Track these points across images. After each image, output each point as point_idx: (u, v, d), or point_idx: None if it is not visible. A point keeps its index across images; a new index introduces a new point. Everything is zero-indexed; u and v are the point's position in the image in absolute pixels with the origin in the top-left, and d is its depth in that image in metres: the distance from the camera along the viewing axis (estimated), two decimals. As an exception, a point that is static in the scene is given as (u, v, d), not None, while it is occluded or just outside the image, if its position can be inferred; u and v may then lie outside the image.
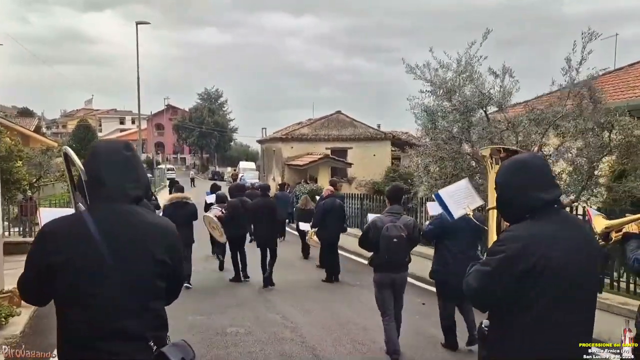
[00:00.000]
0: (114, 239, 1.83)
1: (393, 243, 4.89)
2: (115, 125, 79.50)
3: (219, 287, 8.79)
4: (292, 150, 24.34)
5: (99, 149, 2.01)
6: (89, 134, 44.33)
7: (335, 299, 7.87)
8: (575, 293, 1.94)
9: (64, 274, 1.81)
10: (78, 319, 1.82)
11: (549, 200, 2.00)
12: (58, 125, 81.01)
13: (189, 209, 8.77)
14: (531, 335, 1.93)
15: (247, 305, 7.45)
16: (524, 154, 2.30)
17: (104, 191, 1.91)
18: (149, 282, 1.87)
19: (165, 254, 1.91)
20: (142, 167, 2.08)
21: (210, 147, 65.49)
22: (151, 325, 1.87)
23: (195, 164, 71.78)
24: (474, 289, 2.05)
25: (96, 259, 1.80)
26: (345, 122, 25.21)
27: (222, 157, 68.21)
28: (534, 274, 1.90)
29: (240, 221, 8.96)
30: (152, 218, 1.98)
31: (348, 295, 8.06)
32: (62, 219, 1.97)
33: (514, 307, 1.96)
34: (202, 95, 67.57)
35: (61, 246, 1.82)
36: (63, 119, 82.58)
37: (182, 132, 66.60)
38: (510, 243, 1.95)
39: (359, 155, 24.27)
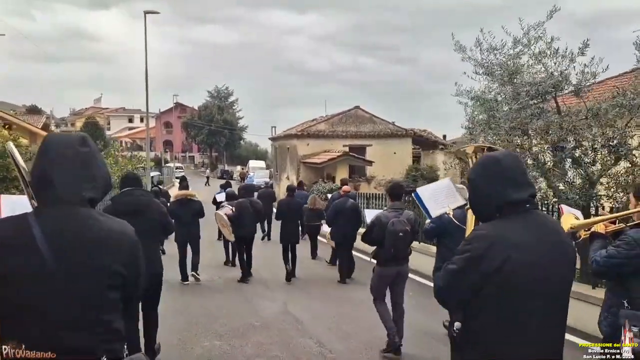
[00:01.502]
0: (63, 247, 1.67)
1: (399, 237, 5.06)
2: (124, 123, 79.35)
3: (230, 291, 8.38)
4: (307, 147, 22.97)
5: (48, 144, 1.79)
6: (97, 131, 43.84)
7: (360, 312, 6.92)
8: (543, 294, 1.91)
9: (7, 286, 1.66)
10: (25, 334, 1.67)
11: (519, 199, 1.97)
12: (67, 123, 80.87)
13: (194, 206, 8.84)
14: (498, 336, 1.92)
15: (272, 325, 6.54)
16: (498, 152, 2.32)
17: (52, 191, 1.73)
18: (99, 293, 1.71)
19: (119, 263, 1.75)
20: (100, 165, 1.87)
21: (220, 145, 64.47)
22: (103, 339, 1.71)
23: (204, 162, 70.96)
24: (439, 287, 2.07)
25: (42, 270, 1.65)
26: (364, 117, 23.80)
27: (231, 155, 67.37)
28: (499, 274, 1.87)
29: (248, 221, 8.97)
30: (107, 223, 1.79)
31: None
32: (4, 221, 1.85)
33: (479, 308, 1.94)
34: (211, 93, 66.63)
35: (2, 255, 1.66)
36: (72, 117, 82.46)
37: (191, 130, 65.68)
38: (476, 242, 1.93)
39: (379, 153, 22.89)
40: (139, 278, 1.88)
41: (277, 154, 29.83)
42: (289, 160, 25.50)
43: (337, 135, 23.08)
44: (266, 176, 34.92)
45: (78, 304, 1.67)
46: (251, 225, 9.08)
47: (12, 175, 13.83)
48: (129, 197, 4.76)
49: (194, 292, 8.34)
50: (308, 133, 23.16)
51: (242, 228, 8.90)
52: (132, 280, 1.81)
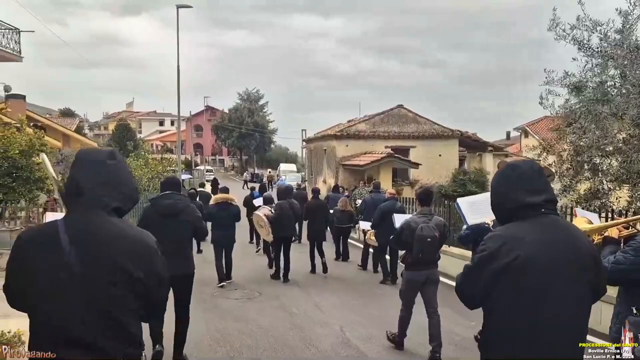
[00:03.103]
0: (84, 250, 1.79)
1: (427, 242, 5.16)
2: (155, 126, 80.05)
3: (274, 311, 7.54)
4: (347, 148, 21.49)
5: (80, 157, 1.96)
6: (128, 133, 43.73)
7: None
8: (555, 291, 1.93)
9: (32, 282, 1.79)
10: (44, 328, 1.80)
11: (533, 203, 2.03)
12: (100, 127, 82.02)
13: (232, 210, 9.04)
14: (513, 335, 1.96)
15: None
16: (518, 160, 2.66)
17: (81, 200, 1.87)
18: (116, 296, 1.80)
19: (138, 269, 1.84)
20: (126, 177, 2.00)
21: (250, 148, 63.75)
22: (121, 342, 1.80)
23: (234, 165, 70.47)
24: (458, 284, 2.16)
25: (63, 270, 1.76)
26: (408, 117, 22.15)
27: (261, 158, 66.68)
28: (508, 272, 1.93)
29: (288, 223, 9.14)
30: (128, 231, 1.91)
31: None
32: (37, 226, 2.16)
33: (494, 307, 2.01)
34: (242, 96, 65.99)
35: (31, 254, 1.82)
36: (105, 121, 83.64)
37: (221, 133, 65.22)
38: (490, 242, 2.02)
39: (423, 155, 21.23)
40: (159, 285, 1.94)
41: (312, 157, 28.45)
42: (325, 163, 24.06)
43: (378, 136, 21.52)
44: (298, 179, 34.25)
45: (95, 305, 1.76)
46: (290, 226, 9.31)
47: (36, 176, 12.91)
48: (167, 200, 4.92)
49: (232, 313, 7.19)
50: (347, 134, 21.63)
51: (281, 229, 9.06)
52: (149, 285, 1.88)
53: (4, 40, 17.64)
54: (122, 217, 1.97)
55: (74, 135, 34.11)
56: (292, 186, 12.45)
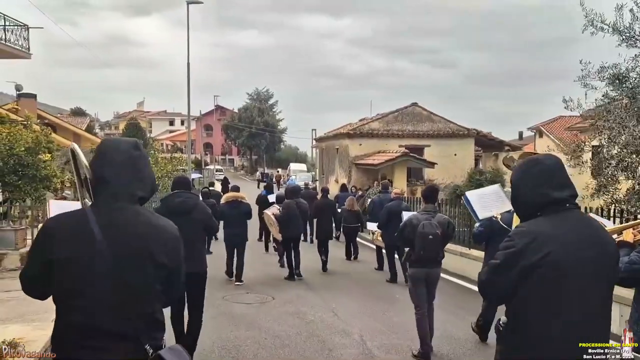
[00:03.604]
0: (115, 239, 1.83)
1: (428, 240, 5.17)
2: (165, 126, 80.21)
3: (289, 318, 7.09)
4: (360, 147, 20.97)
5: (105, 147, 1.99)
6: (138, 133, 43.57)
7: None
8: (584, 290, 1.94)
9: (63, 270, 1.82)
10: (74, 316, 1.81)
11: (558, 198, 2.02)
12: (111, 126, 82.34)
13: (243, 208, 9.06)
14: (541, 329, 1.93)
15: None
16: (539, 154, 2.43)
17: (108, 190, 1.90)
18: (146, 283, 1.85)
19: (165, 256, 1.89)
20: (149, 168, 2.05)
21: (260, 148, 63.47)
22: (147, 327, 1.84)
23: (243, 165, 70.27)
24: (481, 281, 2.15)
25: (96, 258, 1.80)
26: (422, 115, 21.57)
27: (271, 158, 66.37)
28: (539, 270, 1.91)
29: (295, 222, 9.22)
30: (154, 220, 1.96)
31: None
32: (65, 215, 1.98)
33: (521, 302, 1.98)
34: (251, 95, 65.73)
35: (62, 243, 1.83)
36: (116, 120, 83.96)
37: (231, 133, 65.02)
38: (518, 238, 1.99)
39: (438, 154, 20.64)
40: (180, 270, 2.02)
41: (323, 156, 27.96)
42: (338, 162, 23.56)
43: (392, 134, 20.96)
44: (308, 179, 33.90)
45: (129, 293, 1.81)
46: (297, 225, 9.35)
47: (42, 174, 12.57)
48: (178, 199, 4.98)
49: (244, 320, 6.75)
50: (360, 132, 21.10)
51: (289, 229, 9.15)
52: (174, 272, 1.96)
53: (13, 36, 17.37)
54: (143, 205, 2.02)
55: (84, 135, 34.04)
56: (299, 186, 12.48)
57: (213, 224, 5.44)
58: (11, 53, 17.37)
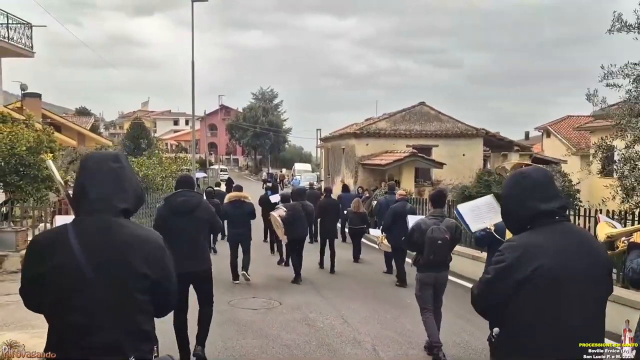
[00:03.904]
0: (94, 251, 1.83)
1: (437, 244, 5.20)
2: (170, 126, 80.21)
3: (297, 325, 6.73)
4: (366, 147, 20.63)
5: (86, 161, 2.01)
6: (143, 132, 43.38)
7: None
8: (576, 300, 1.95)
9: (46, 284, 1.83)
10: (59, 329, 1.83)
11: (546, 211, 2.03)
12: (115, 126, 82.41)
13: (246, 208, 9.07)
14: (534, 340, 1.94)
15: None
16: (528, 167, 2.54)
17: (88, 203, 1.91)
18: (128, 295, 1.84)
19: (147, 267, 1.88)
20: (131, 179, 2.04)
21: (265, 147, 63.21)
22: (133, 340, 1.83)
23: (248, 165, 70.07)
24: (474, 295, 2.17)
25: (75, 271, 1.80)
26: (430, 115, 21.20)
27: (275, 158, 66.10)
28: (531, 282, 1.93)
29: (300, 224, 9.17)
30: (136, 231, 1.95)
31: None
32: (49, 230, 2.23)
33: (516, 314, 1.99)
34: (256, 95, 65.49)
35: (44, 257, 1.85)
36: (120, 120, 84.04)
37: (236, 132, 64.82)
38: (508, 253, 2.00)
39: (446, 154, 20.29)
40: (167, 280, 1.97)
41: (329, 156, 27.65)
42: (344, 162, 23.23)
43: (399, 134, 20.61)
44: (314, 179, 33.65)
45: (108, 304, 1.79)
46: (303, 228, 9.28)
47: (44, 174, 12.34)
48: (181, 198, 4.91)
49: (251, 328, 6.45)
50: (367, 132, 20.75)
51: (294, 231, 9.09)
52: (160, 283, 1.92)
53: (16, 35, 17.16)
54: (129, 218, 2.01)
55: (89, 134, 33.96)
56: (305, 188, 12.33)
57: (217, 224, 5.43)
58: (15, 52, 17.16)
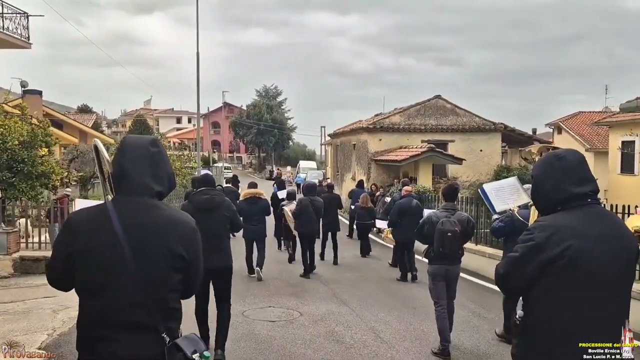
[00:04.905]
0: (133, 231, 1.88)
1: (447, 237, 5.21)
2: (173, 124, 79.53)
3: (323, 340, 5.82)
4: (380, 143, 19.69)
5: (126, 144, 2.06)
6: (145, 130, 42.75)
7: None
8: (603, 284, 1.93)
9: (84, 262, 1.88)
10: (94, 308, 1.86)
11: (579, 193, 2.03)
12: (118, 124, 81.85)
13: (262, 204, 9.28)
14: (558, 324, 1.94)
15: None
16: (561, 149, 2.39)
17: (128, 184, 1.97)
18: (164, 274, 1.90)
19: (182, 247, 1.94)
20: (167, 164, 2.10)
21: (269, 145, 62.29)
22: (164, 317, 1.88)
23: (252, 162, 69.25)
24: (499, 274, 2.15)
25: (115, 250, 1.85)
26: (446, 109, 20.20)
27: (279, 156, 65.25)
28: (559, 263, 1.91)
29: (309, 219, 9.34)
30: (171, 212, 2.02)
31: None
32: (87, 209, 2.08)
33: (541, 296, 1.98)
34: (260, 92, 64.58)
35: (83, 235, 1.90)
36: (122, 118, 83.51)
37: (239, 130, 63.92)
38: (538, 232, 1.98)
39: (462, 150, 19.32)
40: (198, 262, 2.04)
41: (338, 152, 26.71)
42: (355, 158, 22.28)
43: (414, 129, 19.63)
44: (320, 176, 32.92)
45: (147, 284, 1.85)
46: (312, 223, 9.44)
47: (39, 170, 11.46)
48: (205, 196, 5.12)
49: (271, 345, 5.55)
50: (381, 126, 19.75)
51: (302, 225, 9.35)
52: (192, 264, 1.99)
53: (12, 24, 16.28)
54: (162, 200, 2.06)
55: (90, 132, 33.24)
56: (315, 183, 12.41)
57: (238, 221, 5.61)
58: (10, 42, 16.26)
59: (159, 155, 2.04)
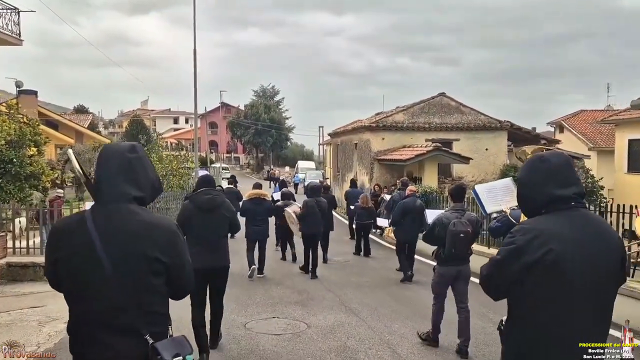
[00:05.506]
0: (108, 237, 1.92)
1: (460, 238, 5.22)
2: (170, 124, 79.03)
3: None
4: (383, 142, 19.13)
5: (103, 152, 2.10)
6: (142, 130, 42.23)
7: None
8: (583, 288, 1.94)
9: (65, 268, 1.96)
10: (78, 312, 1.95)
11: (563, 196, 2.03)
12: (115, 125, 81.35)
13: (266, 205, 9.42)
14: (541, 326, 1.95)
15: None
16: (547, 152, 2.35)
17: (104, 192, 2.00)
18: (142, 279, 1.93)
19: (158, 251, 1.96)
20: (147, 169, 2.11)
21: (267, 145, 61.69)
22: (147, 321, 1.92)
23: (249, 163, 68.68)
24: (483, 276, 2.17)
25: (92, 257, 1.89)
26: (450, 106, 19.64)
27: (277, 156, 64.67)
28: (540, 266, 1.92)
29: (315, 220, 9.34)
30: (149, 218, 2.03)
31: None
32: (69, 217, 2.26)
33: (523, 299, 2.00)
34: (257, 92, 63.94)
35: (62, 242, 1.97)
36: (119, 119, 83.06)
37: (237, 130, 63.32)
38: (520, 235, 2.00)
39: (467, 149, 18.78)
40: (181, 263, 2.05)
41: (339, 152, 26.15)
42: (356, 158, 21.73)
43: (418, 127, 19.08)
44: (319, 176, 32.53)
45: (122, 287, 1.88)
46: (317, 223, 9.42)
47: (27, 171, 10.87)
48: (207, 196, 5.14)
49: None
50: (384, 125, 19.20)
51: (308, 226, 9.31)
52: (173, 266, 2.00)
53: (2, 20, 15.68)
54: (145, 207, 2.09)
55: (87, 132, 32.74)
56: (320, 184, 12.31)
57: (237, 222, 5.62)
58: (0, 39, 15.70)
59: (138, 160, 2.06)
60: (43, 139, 10.96)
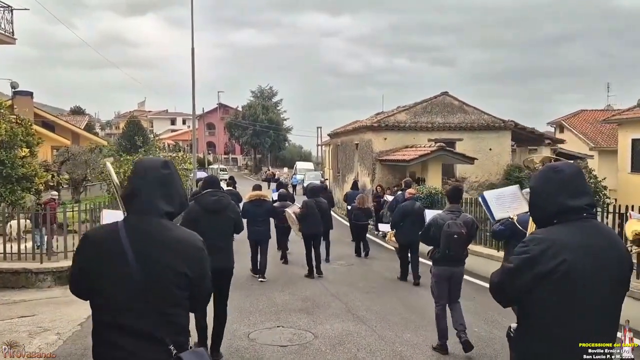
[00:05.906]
0: (141, 249, 1.98)
1: (454, 239, 5.26)
2: (167, 125, 78.51)
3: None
4: (385, 142, 18.77)
5: (138, 166, 2.20)
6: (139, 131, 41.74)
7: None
8: (597, 296, 1.96)
9: (94, 277, 2.01)
10: (103, 319, 1.99)
11: (575, 206, 2.05)
12: (112, 126, 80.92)
13: (266, 206, 9.41)
14: (551, 335, 1.97)
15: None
16: (560, 162, 2.45)
17: (138, 204, 2.08)
18: (169, 291, 1.99)
19: (186, 266, 2.02)
20: (178, 185, 2.20)
21: (265, 146, 61.29)
22: (170, 331, 1.97)
23: (247, 164, 68.28)
24: (494, 283, 2.18)
25: (123, 266, 1.96)
26: (453, 106, 19.28)
27: (275, 157, 64.28)
28: (553, 276, 1.94)
29: (315, 220, 9.42)
30: (179, 232, 2.11)
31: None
32: (101, 226, 2.45)
33: (534, 308, 2.02)
34: (255, 93, 63.53)
35: (94, 252, 2.03)
36: (116, 120, 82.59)
37: (235, 131, 62.91)
38: (533, 245, 2.02)
39: (471, 149, 18.43)
40: (204, 280, 2.13)
41: (338, 152, 25.77)
42: (357, 159, 21.36)
43: (421, 127, 18.71)
44: (319, 177, 32.25)
45: (149, 297, 1.94)
46: (317, 224, 9.47)
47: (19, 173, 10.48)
48: (213, 197, 5.19)
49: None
50: (386, 125, 18.84)
51: (308, 227, 9.37)
52: (196, 281, 2.07)
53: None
54: (172, 220, 2.15)
55: (83, 134, 32.33)
56: (320, 185, 12.20)
57: (241, 223, 5.68)
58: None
59: (170, 176, 2.15)
60: (36, 140, 10.55)
